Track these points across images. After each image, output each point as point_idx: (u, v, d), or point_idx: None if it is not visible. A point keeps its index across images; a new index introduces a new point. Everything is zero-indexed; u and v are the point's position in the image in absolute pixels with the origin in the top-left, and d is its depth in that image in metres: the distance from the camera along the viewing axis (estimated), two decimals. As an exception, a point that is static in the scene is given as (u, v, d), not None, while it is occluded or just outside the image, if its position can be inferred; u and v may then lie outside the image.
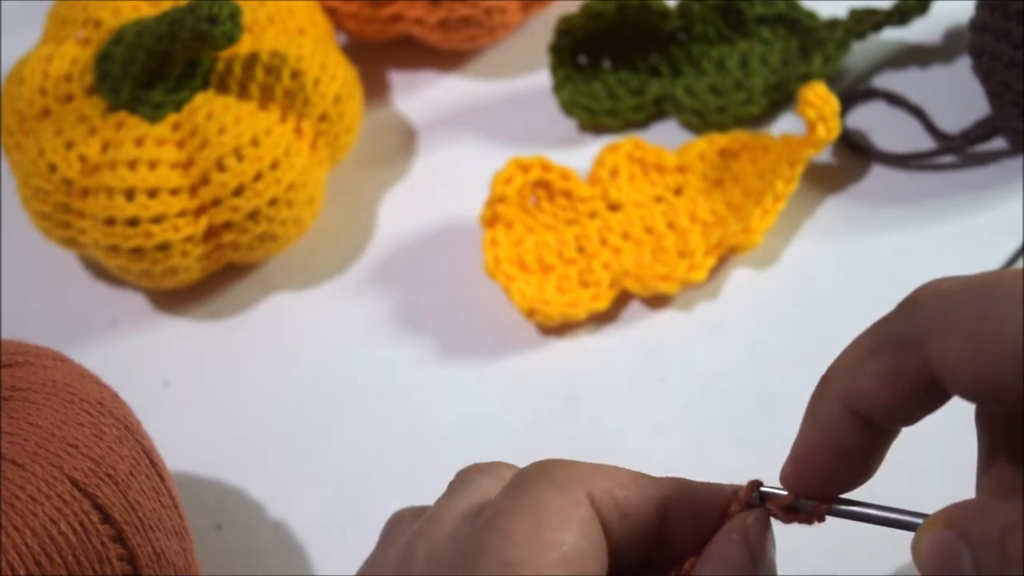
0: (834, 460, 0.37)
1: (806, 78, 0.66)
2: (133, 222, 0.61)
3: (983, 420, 0.37)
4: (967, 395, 0.34)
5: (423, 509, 0.41)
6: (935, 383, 0.35)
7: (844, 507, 0.38)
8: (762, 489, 0.39)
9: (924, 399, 0.35)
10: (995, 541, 0.33)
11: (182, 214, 0.61)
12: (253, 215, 0.62)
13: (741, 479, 0.56)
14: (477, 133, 0.70)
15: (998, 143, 0.64)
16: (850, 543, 0.48)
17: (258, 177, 0.61)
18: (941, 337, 0.34)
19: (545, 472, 0.38)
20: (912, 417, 0.36)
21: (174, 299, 0.66)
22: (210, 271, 0.65)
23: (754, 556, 0.38)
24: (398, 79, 0.73)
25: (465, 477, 0.41)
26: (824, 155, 0.66)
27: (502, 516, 0.37)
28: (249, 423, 0.62)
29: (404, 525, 0.41)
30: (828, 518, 0.39)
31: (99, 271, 0.67)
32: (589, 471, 0.38)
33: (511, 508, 0.37)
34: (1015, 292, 0.33)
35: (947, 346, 0.34)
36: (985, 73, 0.62)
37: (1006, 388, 0.33)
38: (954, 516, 0.34)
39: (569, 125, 0.69)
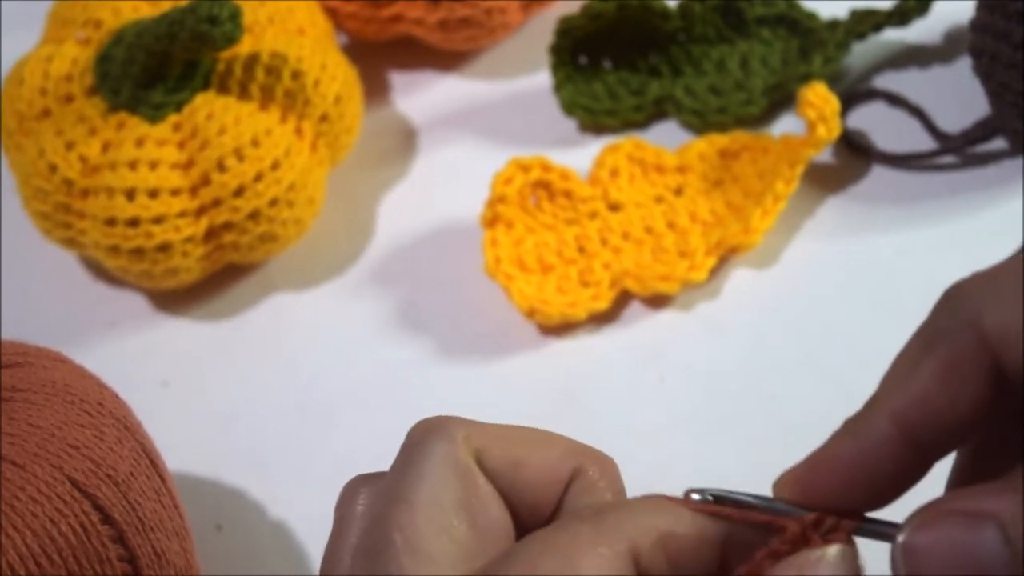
0: (856, 481, 0.34)
1: (806, 78, 0.66)
2: (133, 223, 0.61)
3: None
4: None
5: (379, 476, 0.39)
6: (995, 370, 0.32)
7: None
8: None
9: (984, 395, 0.33)
10: None
11: (182, 215, 0.61)
12: (253, 215, 0.62)
13: (741, 479, 0.56)
14: (477, 133, 0.70)
15: (998, 143, 0.64)
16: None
17: (258, 177, 0.61)
18: (995, 309, 0.32)
19: (594, 515, 0.35)
20: (962, 430, 0.33)
21: (174, 299, 0.66)
22: (210, 271, 0.65)
23: None
24: (398, 79, 0.73)
25: (418, 441, 0.38)
26: (824, 155, 0.66)
27: (535, 544, 0.34)
28: (249, 423, 0.62)
29: (359, 498, 0.39)
30: None
31: (99, 271, 0.67)
32: (642, 520, 0.35)
33: (547, 542, 0.34)
34: None
35: (1004, 315, 0.32)
36: (985, 73, 0.62)
37: None
38: (967, 505, 0.31)
39: (569, 125, 0.69)
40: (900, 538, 0.32)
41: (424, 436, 0.37)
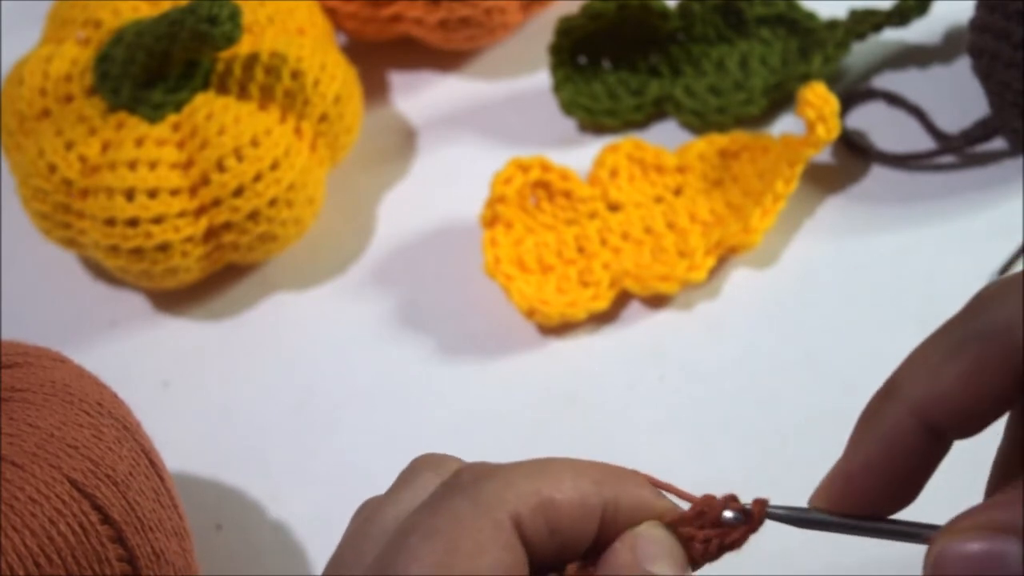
0: (892, 479, 0.34)
1: (806, 78, 0.66)
2: (133, 222, 0.61)
3: None
4: None
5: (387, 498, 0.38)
6: (1020, 377, 0.33)
7: (818, 516, 0.35)
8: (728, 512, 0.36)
9: (1004, 398, 0.33)
10: None
11: (182, 214, 0.61)
12: (253, 215, 0.62)
13: (740, 478, 0.57)
14: (477, 133, 0.70)
15: (998, 143, 0.64)
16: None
17: (258, 177, 0.61)
18: None
19: (472, 487, 0.35)
20: (982, 423, 0.34)
21: (174, 299, 0.66)
22: (210, 271, 0.65)
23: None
24: (398, 79, 0.73)
25: (415, 469, 0.38)
26: (824, 155, 0.66)
27: (414, 534, 0.34)
28: (249, 423, 0.62)
29: (363, 512, 0.39)
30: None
31: (99, 271, 0.67)
32: (521, 486, 0.35)
33: (426, 528, 0.34)
34: None
35: None
36: (985, 73, 0.62)
37: None
38: (994, 517, 0.32)
39: (569, 125, 0.69)
40: (934, 548, 0.32)
41: (448, 492, 0.36)
